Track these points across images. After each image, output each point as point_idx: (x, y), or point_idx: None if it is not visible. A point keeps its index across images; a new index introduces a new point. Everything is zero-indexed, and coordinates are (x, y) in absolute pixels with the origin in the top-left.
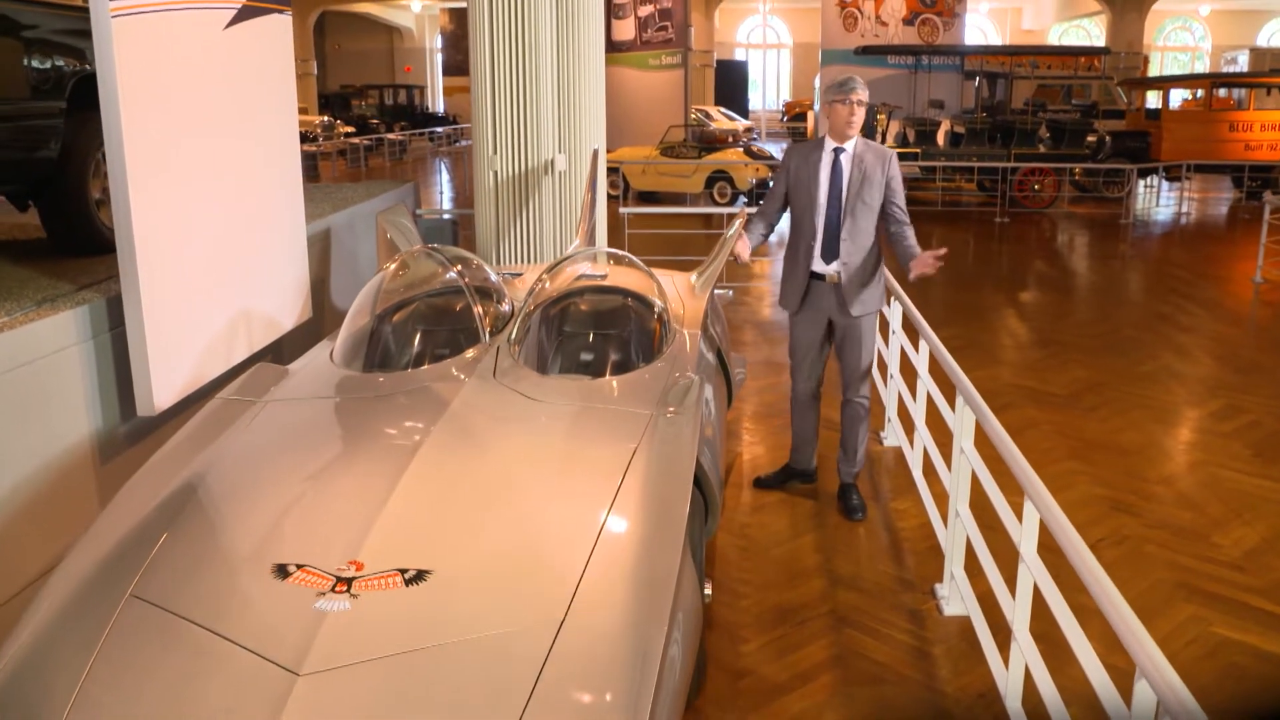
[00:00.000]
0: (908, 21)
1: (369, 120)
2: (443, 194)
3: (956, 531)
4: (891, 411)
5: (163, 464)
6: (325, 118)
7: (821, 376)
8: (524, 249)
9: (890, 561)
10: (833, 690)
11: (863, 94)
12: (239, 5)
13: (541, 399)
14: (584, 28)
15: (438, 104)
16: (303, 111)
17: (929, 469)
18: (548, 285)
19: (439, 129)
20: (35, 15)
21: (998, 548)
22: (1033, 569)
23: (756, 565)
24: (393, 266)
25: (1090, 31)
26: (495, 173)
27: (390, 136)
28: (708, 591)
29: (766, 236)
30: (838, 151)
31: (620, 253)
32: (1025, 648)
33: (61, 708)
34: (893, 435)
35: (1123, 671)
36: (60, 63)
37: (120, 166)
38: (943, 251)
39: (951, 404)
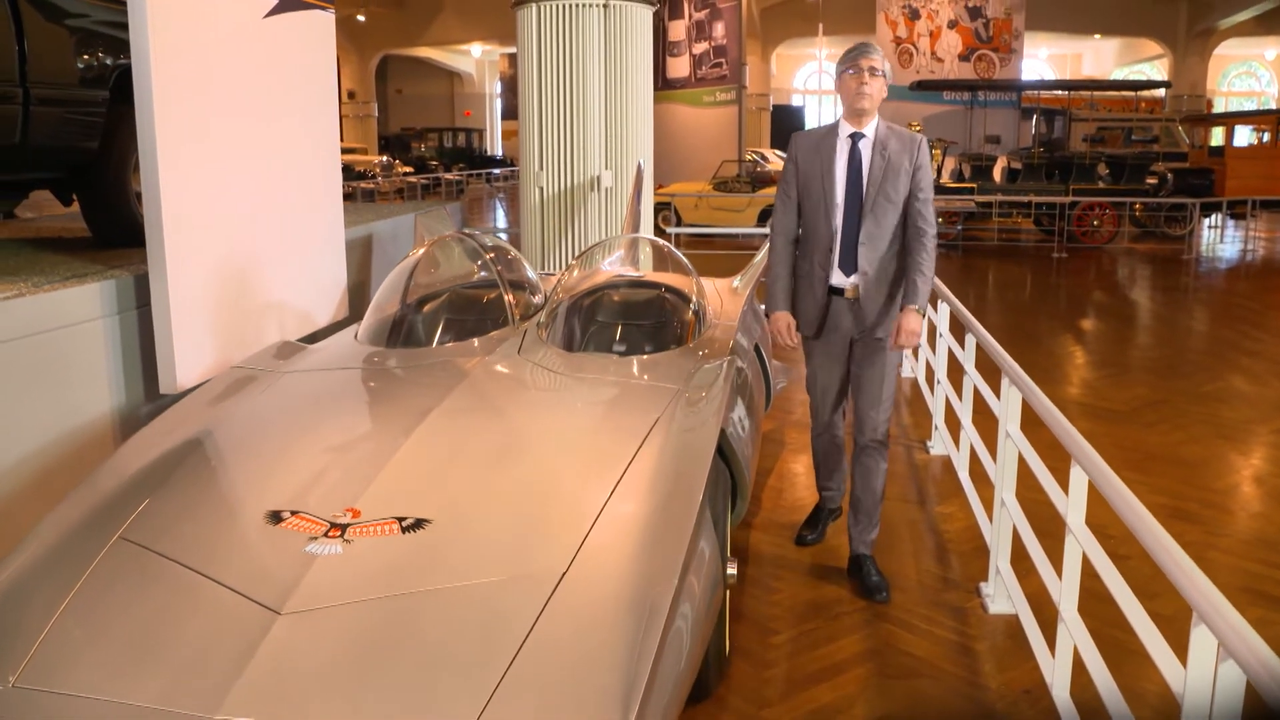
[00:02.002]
0: (963, 58)
1: (428, 162)
2: (496, 224)
3: (1003, 523)
4: (939, 419)
5: (168, 422)
6: (384, 158)
7: (843, 410)
8: (569, 263)
9: (933, 561)
10: (864, 682)
11: (877, 61)
12: None
13: (565, 373)
14: (632, 46)
15: (496, 147)
16: (362, 151)
17: (979, 475)
18: (576, 273)
19: (496, 170)
20: (83, 5)
21: (1048, 547)
22: (1080, 539)
23: (792, 562)
24: (424, 250)
25: (1152, 77)
26: (541, 189)
27: (447, 176)
28: (732, 571)
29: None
30: (855, 138)
31: (659, 241)
32: (1072, 626)
33: (33, 639)
34: (940, 444)
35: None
36: (105, 54)
37: (150, 139)
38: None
39: (998, 394)
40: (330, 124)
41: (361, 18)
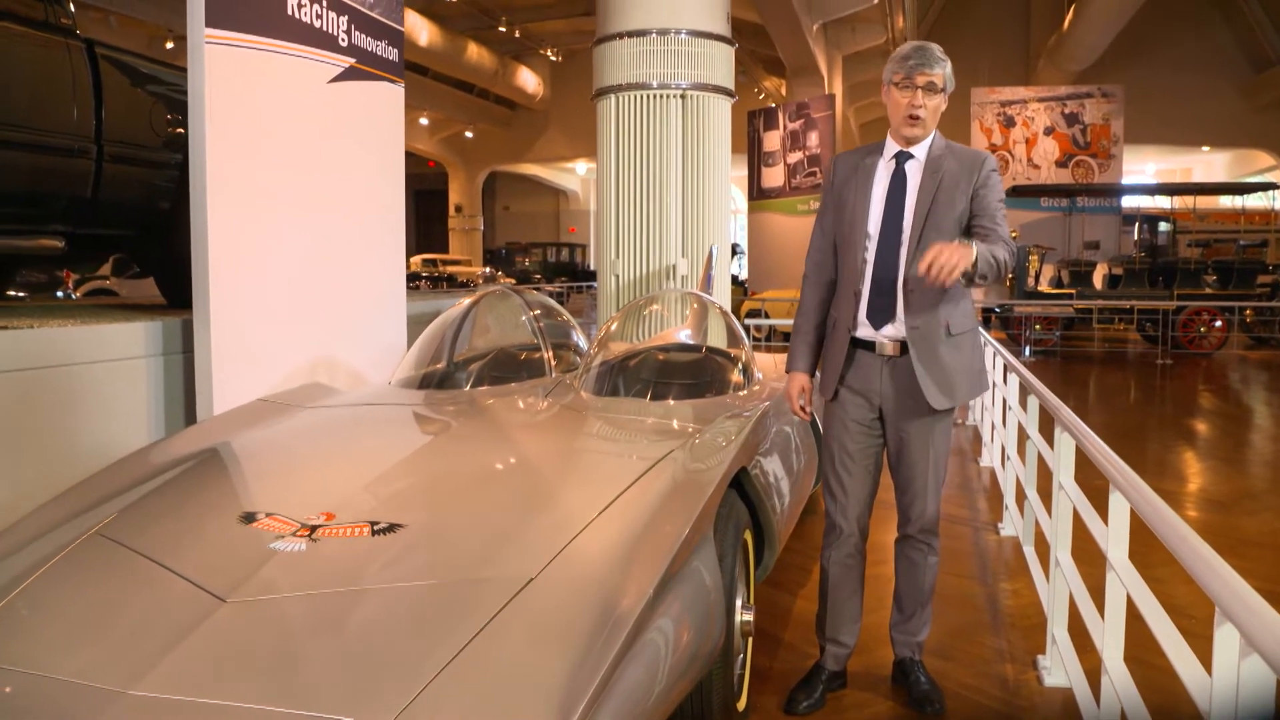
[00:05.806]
0: (1061, 164)
1: (532, 275)
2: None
3: (1058, 585)
4: (1009, 498)
5: (177, 438)
6: (487, 269)
7: (868, 514)
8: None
9: (989, 634)
10: None
11: (938, 76)
12: (346, 65)
13: (586, 411)
14: (710, 136)
15: None
16: (466, 263)
17: (1044, 553)
18: (616, 326)
19: (596, 284)
20: (168, 74)
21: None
22: (1123, 576)
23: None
24: (468, 301)
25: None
26: (617, 276)
27: (548, 288)
28: (748, 618)
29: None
30: (902, 157)
31: (712, 300)
32: (1116, 678)
33: None
34: (1010, 525)
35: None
36: (181, 119)
37: (201, 186)
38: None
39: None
40: (395, 192)
41: (469, 134)
